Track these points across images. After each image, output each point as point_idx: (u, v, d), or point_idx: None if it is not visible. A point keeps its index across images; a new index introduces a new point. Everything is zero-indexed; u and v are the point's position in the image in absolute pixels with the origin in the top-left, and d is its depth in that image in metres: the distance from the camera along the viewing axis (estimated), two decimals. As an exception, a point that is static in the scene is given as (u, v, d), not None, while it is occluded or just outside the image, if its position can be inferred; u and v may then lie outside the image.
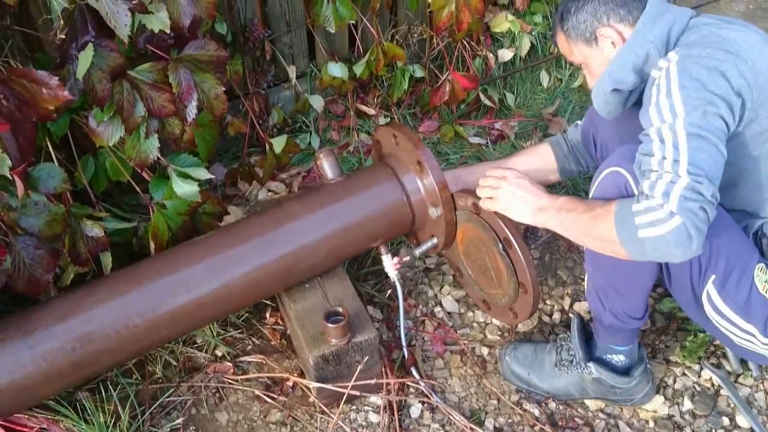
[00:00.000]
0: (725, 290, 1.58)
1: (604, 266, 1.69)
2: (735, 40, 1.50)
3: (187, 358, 1.96)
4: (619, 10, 1.64)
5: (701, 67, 1.45)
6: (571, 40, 1.73)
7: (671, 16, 1.60)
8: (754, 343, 1.64)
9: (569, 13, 1.70)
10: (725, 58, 1.46)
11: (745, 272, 1.56)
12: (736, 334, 1.64)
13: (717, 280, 1.58)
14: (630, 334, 1.81)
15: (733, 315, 1.61)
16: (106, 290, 1.62)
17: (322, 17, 2.33)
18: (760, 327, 1.59)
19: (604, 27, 1.65)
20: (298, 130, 2.74)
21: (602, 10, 1.65)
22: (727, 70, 1.45)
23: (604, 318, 1.78)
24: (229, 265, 1.71)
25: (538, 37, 3.07)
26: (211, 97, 1.76)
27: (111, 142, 1.69)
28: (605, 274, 1.71)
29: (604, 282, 1.74)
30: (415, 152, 1.83)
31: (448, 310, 2.18)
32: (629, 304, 1.74)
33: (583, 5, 1.67)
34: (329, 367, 1.77)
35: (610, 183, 1.56)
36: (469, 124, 2.93)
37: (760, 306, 1.57)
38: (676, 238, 1.35)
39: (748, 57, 1.48)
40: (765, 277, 1.57)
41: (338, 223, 1.83)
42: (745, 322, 1.60)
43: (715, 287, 1.59)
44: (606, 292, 1.75)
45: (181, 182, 1.86)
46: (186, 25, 1.62)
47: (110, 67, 1.58)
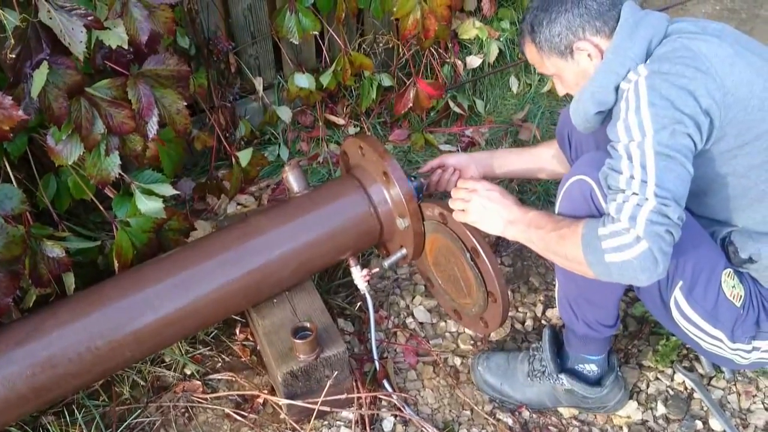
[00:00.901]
0: (692, 296, 1.58)
1: (576, 277, 1.67)
2: (706, 55, 1.46)
3: (155, 378, 1.93)
4: (594, 21, 1.57)
5: (670, 85, 1.44)
6: (543, 53, 1.67)
7: (650, 28, 1.53)
8: (722, 348, 1.64)
9: (541, 26, 1.62)
10: (694, 76, 1.44)
11: (712, 278, 1.56)
12: (704, 339, 1.64)
13: (684, 287, 1.57)
14: (602, 343, 1.81)
15: (700, 321, 1.60)
16: (68, 312, 1.59)
17: (285, 28, 2.31)
18: (728, 332, 1.60)
19: (580, 41, 1.59)
20: (267, 142, 2.72)
21: (577, 23, 1.58)
22: (695, 89, 1.43)
23: (577, 328, 1.77)
24: (195, 282, 1.69)
25: (506, 43, 3.07)
26: (173, 112, 1.74)
27: (70, 161, 1.66)
28: (577, 285, 1.70)
29: (576, 292, 1.73)
30: (381, 163, 1.81)
31: (420, 320, 2.17)
32: (602, 313, 1.73)
33: (556, 17, 1.59)
34: (298, 383, 1.75)
35: (576, 192, 1.55)
36: (440, 131, 2.92)
37: (727, 311, 1.57)
38: (642, 263, 1.36)
39: (718, 74, 1.45)
40: (732, 282, 1.57)
41: (305, 236, 1.81)
42: (713, 328, 1.60)
43: (682, 293, 1.59)
44: (578, 302, 1.74)
45: (144, 199, 1.83)
46: (144, 41, 1.60)
47: (67, 85, 1.55)
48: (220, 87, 2.42)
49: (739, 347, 1.63)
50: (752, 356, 1.65)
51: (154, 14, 1.62)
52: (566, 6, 1.59)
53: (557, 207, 1.62)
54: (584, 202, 1.53)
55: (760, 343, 1.63)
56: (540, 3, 1.64)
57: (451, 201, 1.78)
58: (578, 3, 1.58)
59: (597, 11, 1.57)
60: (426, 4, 2.42)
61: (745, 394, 1.97)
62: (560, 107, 3.06)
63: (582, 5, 1.57)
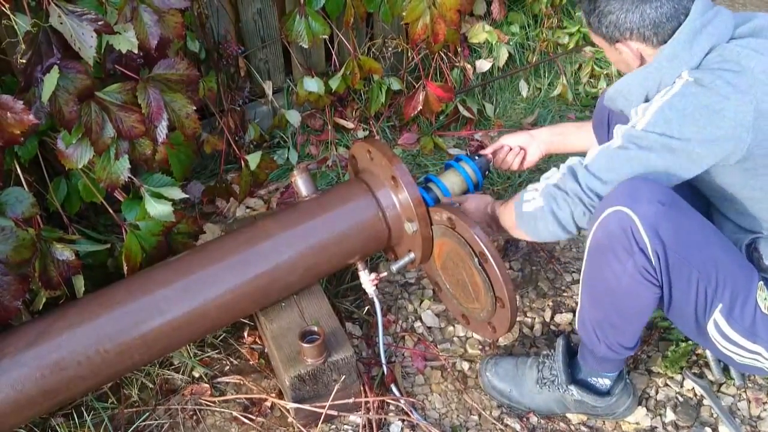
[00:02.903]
0: (732, 317, 1.54)
1: (604, 304, 1.65)
2: (754, 71, 1.45)
3: (163, 381, 1.93)
4: (645, 30, 1.54)
5: (698, 102, 1.46)
6: (591, 29, 1.65)
7: (712, 38, 1.50)
8: (760, 361, 1.61)
9: (594, 11, 1.59)
10: (728, 95, 1.44)
11: (749, 296, 1.53)
12: (742, 355, 1.61)
13: (724, 309, 1.53)
14: (620, 362, 1.80)
15: (740, 338, 1.57)
16: (77, 314, 1.60)
17: (295, 32, 2.32)
18: (767, 345, 1.57)
19: (624, 42, 1.58)
20: (276, 145, 2.73)
21: (627, 26, 1.55)
22: (723, 109, 1.44)
23: (597, 350, 1.74)
24: (204, 286, 1.69)
25: (515, 47, 3.07)
26: (182, 116, 1.75)
27: (80, 165, 1.67)
28: (604, 310, 1.67)
29: (602, 317, 1.69)
30: (390, 167, 1.81)
31: (428, 324, 2.17)
32: (625, 337, 1.70)
33: (609, 13, 1.56)
34: (306, 387, 1.75)
35: (615, 224, 1.51)
36: (449, 135, 2.92)
37: (765, 326, 1.54)
38: (536, 215, 1.67)
39: (757, 95, 1.43)
40: (764, 295, 1.54)
41: (314, 240, 1.82)
42: (753, 344, 1.57)
43: (722, 315, 1.54)
44: (603, 326, 1.70)
45: (154, 202, 1.84)
46: (153, 46, 1.60)
47: (77, 89, 1.56)
48: (229, 91, 2.43)
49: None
50: None
51: (163, 19, 1.63)
52: (623, 4, 1.54)
53: (590, 236, 1.58)
54: (622, 233, 1.49)
55: None
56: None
57: None
58: (636, 6, 1.53)
59: (652, 22, 1.53)
60: (435, 8, 2.42)
61: (755, 401, 1.95)
62: (570, 111, 3.06)
63: (639, 11, 1.53)
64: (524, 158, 2.14)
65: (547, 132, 2.15)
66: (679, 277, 1.51)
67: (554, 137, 2.12)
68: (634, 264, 1.51)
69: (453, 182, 2.04)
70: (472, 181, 2.06)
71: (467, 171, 2.06)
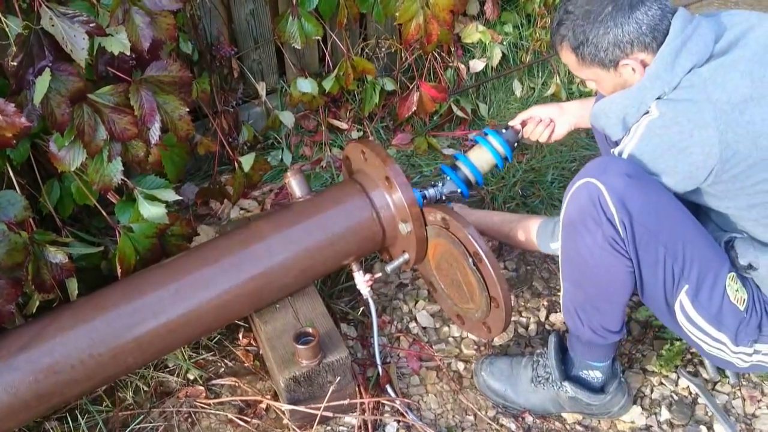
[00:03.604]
0: (698, 300, 1.58)
1: (582, 282, 1.68)
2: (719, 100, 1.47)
3: (158, 383, 1.93)
4: (644, 37, 1.55)
5: (660, 141, 1.53)
6: (584, 62, 1.65)
7: (693, 56, 1.52)
8: (725, 351, 1.64)
9: (586, 39, 1.59)
10: (692, 132, 1.48)
11: (717, 282, 1.56)
12: (707, 342, 1.65)
13: (690, 290, 1.58)
14: (607, 349, 1.80)
15: (705, 324, 1.61)
16: (71, 318, 1.59)
17: (288, 33, 2.32)
18: (731, 336, 1.60)
19: (627, 57, 1.58)
20: (270, 146, 2.72)
21: (626, 39, 1.55)
22: (687, 147, 1.50)
23: (582, 334, 1.76)
24: (198, 288, 1.69)
25: (509, 47, 3.07)
26: (175, 118, 1.74)
27: (73, 167, 1.66)
28: (584, 291, 1.70)
29: (583, 299, 1.72)
30: (383, 168, 1.81)
31: (423, 325, 2.17)
32: (608, 319, 1.72)
33: (605, 34, 1.56)
34: (301, 389, 1.74)
35: (584, 195, 1.56)
36: (443, 135, 2.92)
37: (731, 315, 1.58)
38: None
39: (720, 126, 1.46)
40: (736, 286, 1.57)
41: (308, 241, 1.81)
42: (717, 331, 1.60)
43: (688, 297, 1.59)
44: (585, 308, 1.73)
45: (147, 205, 1.83)
46: (145, 48, 1.60)
47: (69, 92, 1.55)
48: (223, 92, 2.43)
49: (742, 350, 1.63)
50: (753, 359, 1.66)
51: (155, 21, 1.62)
52: (616, 20, 1.54)
53: (563, 211, 1.63)
54: (591, 204, 1.54)
55: (761, 347, 1.64)
56: (582, 12, 1.59)
57: None
58: (629, 17, 1.54)
59: (648, 25, 1.54)
60: (428, 8, 2.42)
61: (750, 399, 1.96)
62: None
63: (633, 20, 1.54)
64: (553, 131, 2.12)
65: (578, 105, 2.12)
66: (646, 251, 1.54)
67: (584, 111, 2.07)
68: (603, 235, 1.54)
69: (481, 159, 2.04)
70: (500, 155, 2.06)
71: (494, 146, 2.05)
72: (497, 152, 2.05)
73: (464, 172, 2.02)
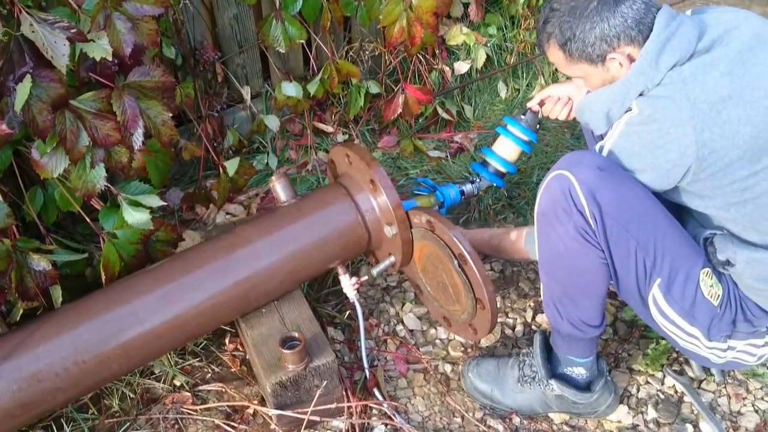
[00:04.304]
0: (670, 294, 1.60)
1: (558, 274, 1.70)
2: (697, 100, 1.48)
3: (144, 390, 1.92)
4: (630, 31, 1.56)
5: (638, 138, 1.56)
6: (571, 59, 1.66)
7: (676, 53, 1.52)
8: (698, 346, 1.67)
9: (573, 35, 1.60)
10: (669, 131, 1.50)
11: (690, 276, 1.58)
12: (680, 336, 1.68)
13: (662, 284, 1.60)
14: (588, 344, 1.81)
15: (678, 318, 1.63)
16: (55, 326, 1.59)
17: (272, 37, 2.31)
18: (704, 331, 1.63)
19: (614, 51, 1.59)
20: (256, 150, 2.72)
21: (613, 33, 1.56)
22: (665, 144, 1.51)
23: (561, 327, 1.78)
24: (183, 294, 1.69)
25: (493, 49, 3.08)
26: (159, 123, 1.74)
27: (55, 174, 1.66)
28: (560, 283, 1.72)
29: (560, 291, 1.74)
30: (368, 171, 1.81)
31: (410, 327, 2.17)
32: (585, 312, 1.73)
33: (591, 27, 1.57)
34: (287, 394, 1.74)
35: (556, 187, 1.59)
36: (429, 137, 2.92)
37: (705, 310, 1.60)
38: None
39: (698, 125, 1.47)
40: (710, 281, 1.59)
41: (293, 246, 1.81)
42: (690, 326, 1.63)
43: (660, 290, 1.61)
44: (562, 301, 1.74)
45: (131, 211, 1.83)
46: (127, 53, 1.59)
47: (51, 98, 1.54)
48: (207, 97, 2.42)
49: (715, 346, 1.66)
50: (728, 355, 1.69)
51: (137, 26, 1.62)
52: (602, 14, 1.56)
53: (537, 202, 1.65)
54: (562, 195, 1.57)
55: (735, 343, 1.66)
56: (568, 8, 1.60)
57: None
58: (614, 11, 1.55)
59: (633, 19, 1.56)
60: (412, 11, 2.42)
61: (735, 396, 1.97)
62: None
63: (618, 14, 1.55)
64: (571, 108, 2.12)
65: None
66: (617, 244, 1.57)
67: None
68: (575, 226, 1.57)
69: (506, 150, 2.11)
70: (524, 142, 2.12)
71: (516, 134, 2.11)
72: (520, 140, 2.12)
73: (494, 166, 2.09)
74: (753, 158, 1.49)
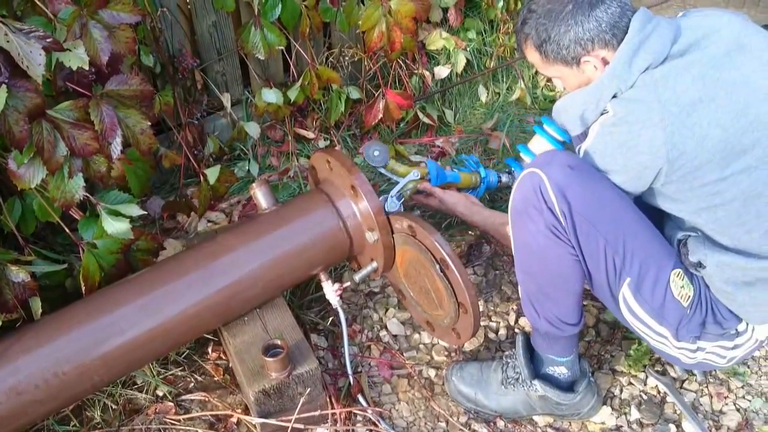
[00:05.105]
0: (640, 293, 1.62)
1: (532, 271, 1.72)
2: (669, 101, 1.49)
3: (127, 401, 1.90)
4: (604, 34, 1.58)
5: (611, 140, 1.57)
6: (547, 60, 1.68)
7: (649, 55, 1.53)
8: (667, 345, 1.70)
9: (549, 37, 1.62)
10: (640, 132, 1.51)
11: (660, 277, 1.60)
12: (649, 335, 1.70)
13: (632, 284, 1.61)
14: (567, 342, 1.82)
15: (647, 317, 1.65)
16: (34, 337, 1.57)
17: (251, 44, 2.31)
18: (673, 331, 1.65)
19: (588, 54, 1.61)
20: (237, 158, 2.71)
21: (587, 37, 1.59)
22: (636, 145, 1.53)
23: (539, 326, 1.79)
24: (163, 303, 1.67)
25: (473, 53, 3.09)
26: (137, 132, 1.72)
27: (33, 184, 1.63)
28: (535, 280, 1.73)
29: (535, 288, 1.75)
30: (349, 177, 1.81)
31: (393, 333, 2.17)
32: (561, 310, 1.75)
33: (566, 31, 1.60)
34: (271, 402, 1.73)
35: (528, 184, 1.61)
36: (410, 142, 2.92)
37: (674, 311, 1.62)
38: None
39: (668, 128, 1.48)
40: (681, 282, 1.61)
41: (274, 253, 1.81)
42: (659, 325, 1.65)
43: (630, 289, 1.62)
44: (538, 299, 1.76)
45: (111, 220, 1.81)
46: (104, 62, 1.58)
47: (27, 108, 1.52)
48: (186, 104, 2.41)
49: (684, 346, 1.68)
50: (697, 356, 1.71)
51: (114, 34, 1.61)
52: (576, 18, 1.58)
53: (511, 199, 1.68)
54: (533, 193, 1.59)
55: (704, 344, 1.68)
56: (544, 10, 1.62)
57: None
58: (588, 15, 1.57)
59: (608, 23, 1.57)
60: (391, 16, 2.42)
61: (717, 395, 1.99)
62: (529, 115, 3.09)
63: (593, 18, 1.57)
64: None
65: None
66: (587, 242, 1.59)
67: None
68: (545, 223, 1.59)
69: (541, 148, 2.19)
70: (558, 141, 2.19)
71: (551, 133, 2.21)
72: (554, 139, 2.20)
73: (528, 163, 2.11)
74: (722, 162, 1.50)
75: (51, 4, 1.59)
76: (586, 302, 2.23)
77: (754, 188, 1.52)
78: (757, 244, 1.57)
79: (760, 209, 1.54)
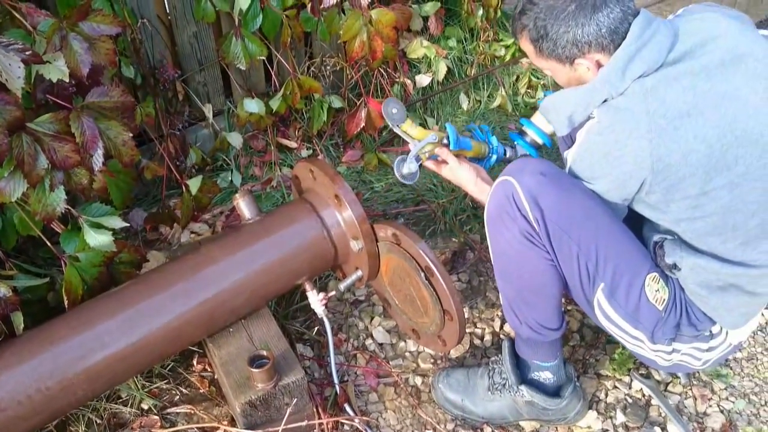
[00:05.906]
0: (614, 298, 1.63)
1: (511, 278, 1.73)
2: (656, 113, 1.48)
3: (111, 415, 1.89)
4: (602, 39, 1.55)
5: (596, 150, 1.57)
6: (541, 55, 1.65)
7: (644, 64, 1.51)
8: (643, 348, 1.71)
9: (546, 34, 1.59)
10: (626, 142, 1.51)
11: (635, 282, 1.61)
12: (625, 339, 1.72)
13: (606, 288, 1.62)
14: (551, 347, 1.83)
15: (621, 321, 1.67)
16: (16, 353, 1.55)
17: (232, 54, 2.31)
18: (648, 334, 1.66)
19: (583, 56, 1.59)
20: (220, 168, 2.70)
21: (585, 40, 1.55)
22: (622, 155, 1.52)
23: (522, 332, 1.80)
24: (147, 316, 1.66)
25: (454, 61, 3.11)
26: (119, 143, 1.71)
27: (13, 198, 1.62)
28: (514, 286, 1.74)
29: (513, 294, 1.76)
30: (332, 186, 1.81)
31: (379, 341, 2.17)
32: (541, 315, 1.75)
33: (565, 33, 1.56)
34: (257, 413, 1.72)
35: (501, 191, 1.62)
36: (393, 150, 2.93)
37: (649, 314, 1.63)
38: None
39: (654, 139, 1.48)
40: (656, 286, 1.62)
41: (258, 263, 1.80)
42: (633, 329, 1.67)
43: (604, 295, 1.63)
44: (518, 305, 1.76)
45: (93, 233, 1.80)
46: (84, 74, 1.57)
47: (7, 121, 1.51)
48: (168, 115, 2.40)
49: (660, 348, 1.69)
50: (673, 358, 1.72)
51: (94, 46, 1.60)
52: (577, 20, 1.54)
53: (486, 207, 1.69)
54: (506, 200, 1.60)
55: (680, 346, 1.70)
56: (546, 5, 1.58)
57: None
58: (590, 18, 1.53)
59: (608, 28, 1.54)
60: (372, 25, 2.43)
61: (701, 397, 2.00)
62: (510, 122, 3.10)
63: (594, 21, 1.53)
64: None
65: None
66: (560, 247, 1.60)
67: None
68: (519, 229, 1.60)
69: (544, 122, 2.09)
70: None
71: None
72: None
73: (531, 137, 2.10)
74: (705, 177, 1.50)
75: (30, 17, 1.59)
76: (569, 307, 2.24)
77: (734, 204, 1.53)
78: (732, 254, 1.59)
79: (737, 222, 1.55)
